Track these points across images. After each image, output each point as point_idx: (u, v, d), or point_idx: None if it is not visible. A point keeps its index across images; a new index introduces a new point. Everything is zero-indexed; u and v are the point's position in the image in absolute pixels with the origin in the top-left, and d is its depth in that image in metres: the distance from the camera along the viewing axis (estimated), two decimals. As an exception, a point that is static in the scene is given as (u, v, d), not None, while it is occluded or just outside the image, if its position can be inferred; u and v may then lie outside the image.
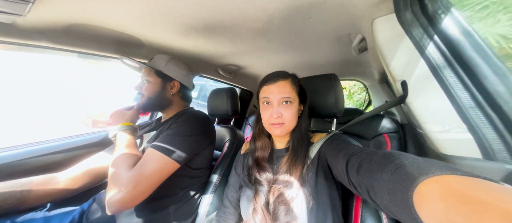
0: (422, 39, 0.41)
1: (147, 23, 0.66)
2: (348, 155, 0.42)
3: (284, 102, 0.54)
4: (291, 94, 0.54)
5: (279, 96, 0.53)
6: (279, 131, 0.54)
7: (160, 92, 0.77)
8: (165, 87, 0.79)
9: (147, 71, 0.77)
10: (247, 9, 0.57)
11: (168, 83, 0.79)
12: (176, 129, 0.67)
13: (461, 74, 0.35)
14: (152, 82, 0.76)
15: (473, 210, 0.18)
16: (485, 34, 0.40)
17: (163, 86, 0.78)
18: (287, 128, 0.55)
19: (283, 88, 0.54)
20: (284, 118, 0.54)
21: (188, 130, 0.68)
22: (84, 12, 0.58)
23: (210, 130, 0.78)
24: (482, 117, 0.32)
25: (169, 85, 0.79)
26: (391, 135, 0.82)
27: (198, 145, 0.70)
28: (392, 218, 0.44)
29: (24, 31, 0.62)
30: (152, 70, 0.77)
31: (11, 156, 0.71)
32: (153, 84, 0.76)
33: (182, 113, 0.79)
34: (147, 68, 0.77)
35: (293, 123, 0.55)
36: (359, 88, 3.78)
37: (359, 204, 0.50)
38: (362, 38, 0.73)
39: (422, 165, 0.26)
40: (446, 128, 0.38)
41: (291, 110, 0.54)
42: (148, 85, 0.76)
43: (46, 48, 0.71)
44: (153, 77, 0.77)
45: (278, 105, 0.54)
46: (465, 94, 0.34)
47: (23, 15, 0.51)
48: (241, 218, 0.61)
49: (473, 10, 0.58)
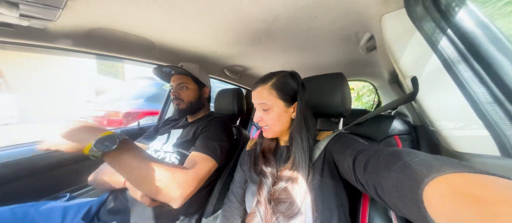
0: (434, 33, 0.40)
1: (160, 26, 0.70)
2: (355, 152, 0.41)
3: (262, 108, 0.56)
4: (268, 99, 0.55)
5: (257, 102, 0.57)
6: (266, 133, 0.58)
7: (198, 98, 0.87)
8: (201, 93, 0.88)
9: (185, 78, 0.84)
10: (253, 10, 0.58)
11: (202, 89, 0.89)
12: (213, 133, 0.74)
13: (477, 68, 0.34)
14: (191, 89, 0.84)
15: (486, 210, 0.18)
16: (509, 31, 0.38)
17: (199, 92, 0.88)
18: (273, 130, 0.57)
19: (259, 94, 0.56)
20: (266, 122, 0.56)
21: (222, 136, 0.75)
22: (105, 17, 0.62)
23: (232, 134, 0.88)
24: (500, 112, 0.30)
25: (203, 90, 0.90)
26: (403, 137, 0.78)
27: (227, 147, 0.76)
28: (402, 217, 0.42)
29: (54, 36, 0.67)
30: (189, 77, 0.85)
31: (33, 150, 0.76)
32: (192, 90, 0.85)
33: (209, 115, 0.89)
34: (183, 75, 0.85)
35: (278, 126, 0.57)
36: (368, 90, 3.67)
37: (367, 203, 0.49)
38: (370, 36, 0.72)
39: (433, 163, 0.26)
40: (461, 125, 0.36)
41: (270, 115, 0.55)
42: (188, 92, 0.84)
43: (70, 51, 0.76)
44: (192, 84, 0.85)
45: (258, 111, 0.57)
46: (482, 90, 0.32)
47: (54, 20, 0.56)
48: (246, 212, 0.62)
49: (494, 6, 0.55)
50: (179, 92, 0.83)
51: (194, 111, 0.88)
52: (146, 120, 2.24)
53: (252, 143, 0.71)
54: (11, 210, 0.54)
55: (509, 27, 0.67)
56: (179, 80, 0.83)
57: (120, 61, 0.94)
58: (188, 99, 0.83)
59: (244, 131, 1.02)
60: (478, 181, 0.21)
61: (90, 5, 0.54)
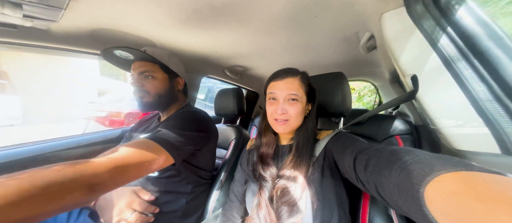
0: (434, 32, 0.39)
1: (161, 26, 0.70)
2: (356, 151, 0.41)
3: (290, 99, 0.54)
4: (299, 92, 0.54)
5: (286, 93, 0.53)
6: (282, 128, 0.54)
7: (169, 89, 0.71)
8: (173, 84, 0.73)
9: (150, 65, 0.68)
10: (253, 9, 0.58)
11: (175, 79, 0.74)
12: (174, 121, 0.62)
13: (477, 66, 0.33)
14: (159, 78, 0.69)
15: (487, 208, 0.17)
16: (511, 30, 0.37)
17: (170, 83, 0.72)
18: (291, 125, 0.55)
19: (291, 85, 0.53)
20: (289, 115, 0.53)
21: (185, 125, 0.62)
22: (106, 17, 0.63)
23: (210, 130, 0.72)
24: (500, 110, 0.30)
25: (176, 81, 0.74)
26: (404, 136, 0.78)
27: (196, 142, 0.64)
28: (402, 216, 0.42)
29: (57, 36, 0.68)
30: (156, 65, 0.69)
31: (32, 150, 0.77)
32: (161, 80, 0.69)
33: (182, 109, 0.75)
34: (148, 63, 0.68)
35: (298, 120, 0.55)
36: (370, 90, 3.66)
37: (367, 202, 0.49)
38: (370, 36, 0.72)
39: (434, 162, 0.25)
40: (461, 122, 0.36)
41: (296, 108, 0.53)
42: (155, 82, 0.68)
43: (73, 51, 0.77)
44: (159, 73, 0.69)
45: (284, 102, 0.54)
46: (482, 87, 0.32)
47: (57, 21, 0.56)
48: (246, 212, 0.62)
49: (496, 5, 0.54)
50: (143, 82, 0.67)
51: (165, 106, 0.73)
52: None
53: (252, 142, 0.71)
54: None
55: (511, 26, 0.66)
56: (142, 68, 0.67)
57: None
58: (156, 91, 0.68)
59: (244, 130, 1.02)
60: (479, 179, 0.20)
61: (91, 6, 0.55)
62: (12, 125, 5.38)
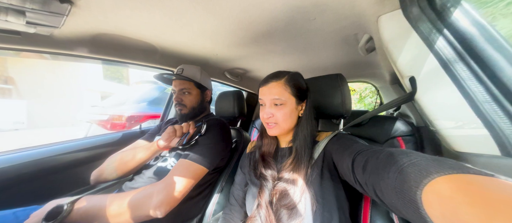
0: (430, 34, 0.40)
1: (162, 31, 0.71)
2: (354, 153, 0.41)
3: (274, 104, 0.55)
4: (282, 95, 0.54)
5: (270, 97, 0.55)
6: (272, 131, 0.57)
7: (200, 102, 0.87)
8: (203, 97, 0.88)
9: (187, 83, 0.84)
10: (252, 12, 0.59)
11: (204, 93, 0.89)
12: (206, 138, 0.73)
13: (474, 67, 0.33)
14: (193, 94, 0.84)
15: (485, 211, 0.17)
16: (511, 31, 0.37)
17: (202, 96, 0.87)
18: (281, 127, 0.56)
19: (273, 89, 0.55)
20: (276, 118, 0.55)
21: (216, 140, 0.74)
22: (107, 23, 0.64)
23: (230, 139, 0.86)
24: (499, 111, 0.30)
25: (205, 94, 0.90)
26: (406, 138, 0.77)
27: (222, 150, 0.75)
28: (404, 219, 0.41)
29: (60, 42, 0.69)
30: (191, 82, 0.84)
31: (37, 153, 0.78)
32: (195, 95, 0.85)
33: (207, 116, 0.90)
34: (185, 81, 0.84)
35: (289, 123, 0.56)
36: (371, 92, 3.64)
37: (368, 205, 0.48)
38: (369, 37, 0.72)
39: (432, 164, 0.25)
40: (459, 124, 0.36)
41: (282, 111, 0.54)
42: (190, 97, 0.84)
43: (76, 56, 0.78)
44: (194, 89, 0.85)
45: (270, 107, 0.56)
46: (480, 88, 0.32)
47: (59, 27, 0.58)
48: (246, 215, 0.61)
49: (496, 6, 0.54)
50: (182, 98, 0.83)
51: (196, 115, 0.88)
52: (148, 123, 2.27)
53: (252, 145, 0.71)
54: (14, 214, 0.55)
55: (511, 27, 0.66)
56: (181, 86, 0.83)
57: (123, 65, 0.97)
58: (191, 104, 0.84)
59: (245, 133, 1.02)
60: (477, 182, 0.20)
61: (92, 11, 0.56)
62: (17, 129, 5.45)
